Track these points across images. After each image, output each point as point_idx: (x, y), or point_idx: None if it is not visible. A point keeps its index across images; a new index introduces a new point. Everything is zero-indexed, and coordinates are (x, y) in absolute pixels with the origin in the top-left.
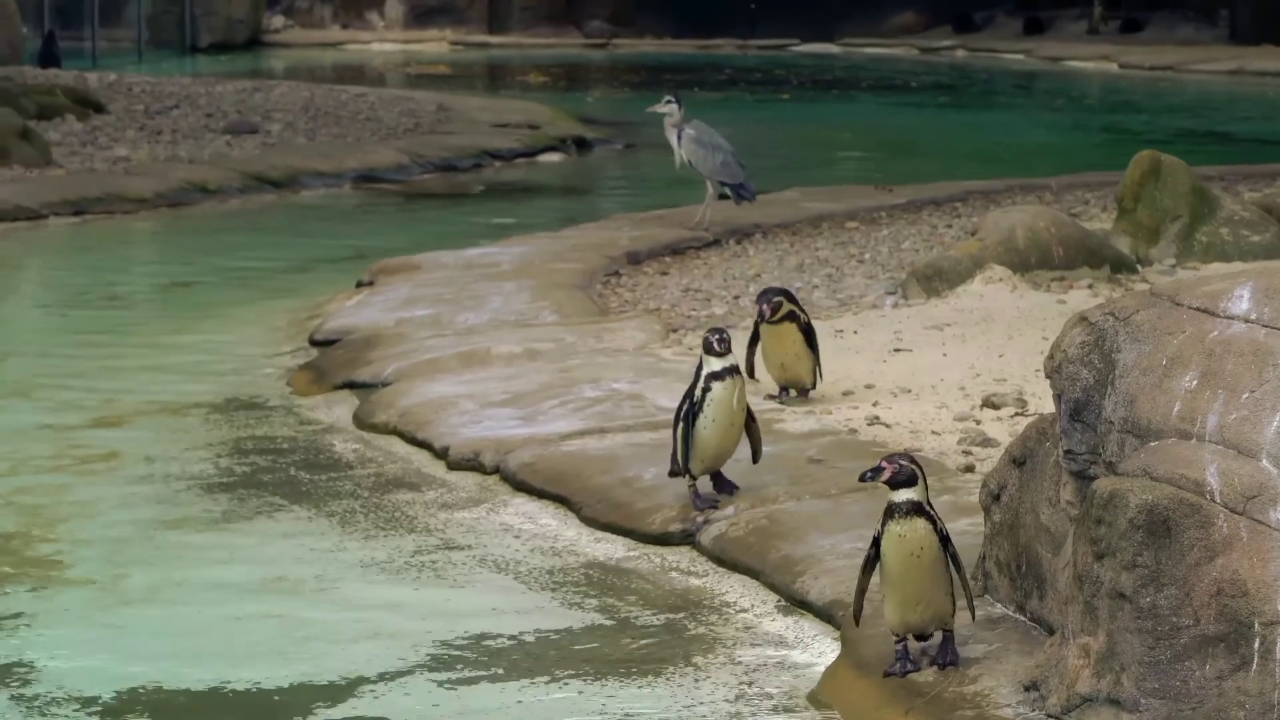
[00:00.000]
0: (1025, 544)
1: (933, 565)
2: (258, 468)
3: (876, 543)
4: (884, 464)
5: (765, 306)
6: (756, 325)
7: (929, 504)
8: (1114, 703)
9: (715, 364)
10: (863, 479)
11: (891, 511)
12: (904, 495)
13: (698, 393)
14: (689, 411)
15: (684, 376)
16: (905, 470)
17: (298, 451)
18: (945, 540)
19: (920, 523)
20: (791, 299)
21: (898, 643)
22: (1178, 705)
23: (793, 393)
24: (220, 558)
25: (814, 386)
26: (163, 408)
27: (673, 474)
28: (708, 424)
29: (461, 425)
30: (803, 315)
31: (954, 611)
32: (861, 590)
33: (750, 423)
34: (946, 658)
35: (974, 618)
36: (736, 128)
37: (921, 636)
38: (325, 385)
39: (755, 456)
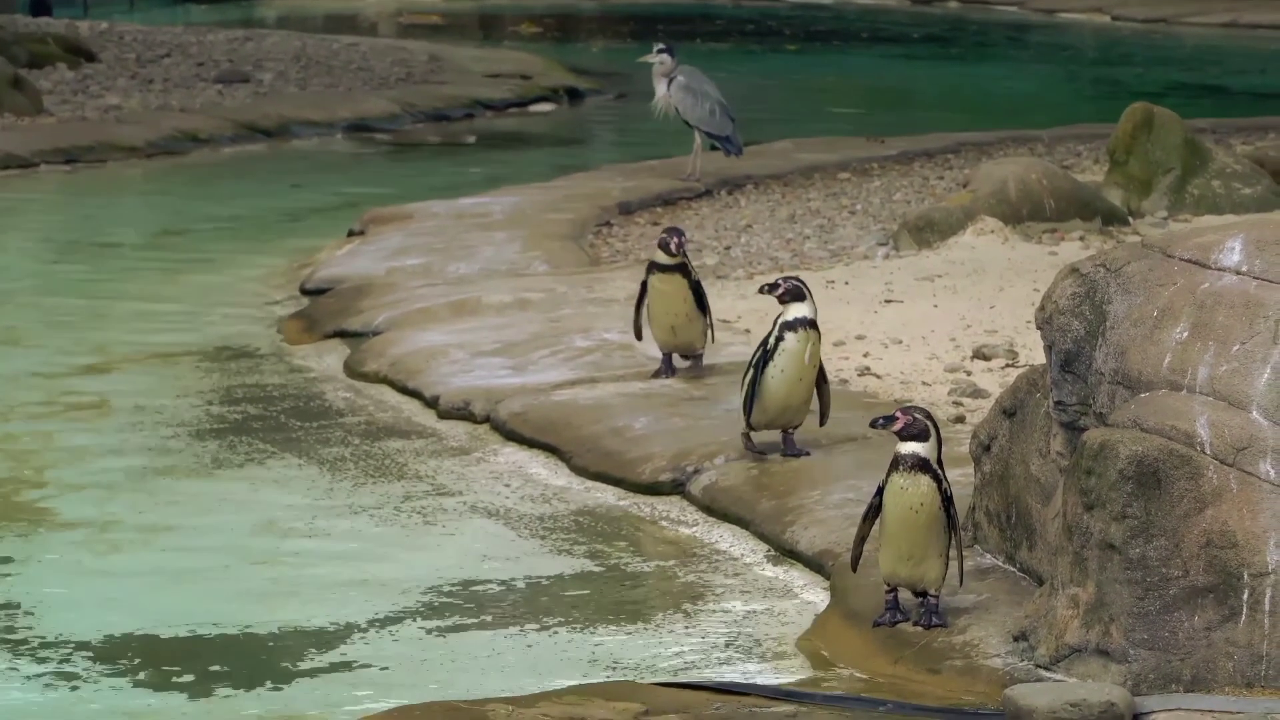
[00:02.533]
0: (1015, 495)
1: (930, 523)
2: (248, 415)
3: (880, 491)
4: (899, 414)
5: (674, 240)
6: (644, 284)
7: (938, 462)
8: (1103, 653)
9: (790, 312)
10: (874, 425)
11: (897, 463)
12: (911, 448)
13: (771, 340)
14: (760, 359)
15: None
16: (919, 424)
17: (288, 399)
18: (948, 501)
19: (924, 479)
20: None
21: (888, 592)
22: (1166, 656)
23: (685, 362)
24: (210, 504)
25: (704, 348)
26: (153, 355)
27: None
28: (776, 373)
29: (452, 374)
30: (693, 271)
31: (944, 575)
32: (861, 538)
33: (821, 382)
34: (930, 620)
35: (961, 582)
36: (729, 78)
37: (918, 591)
38: (316, 334)
39: (822, 418)
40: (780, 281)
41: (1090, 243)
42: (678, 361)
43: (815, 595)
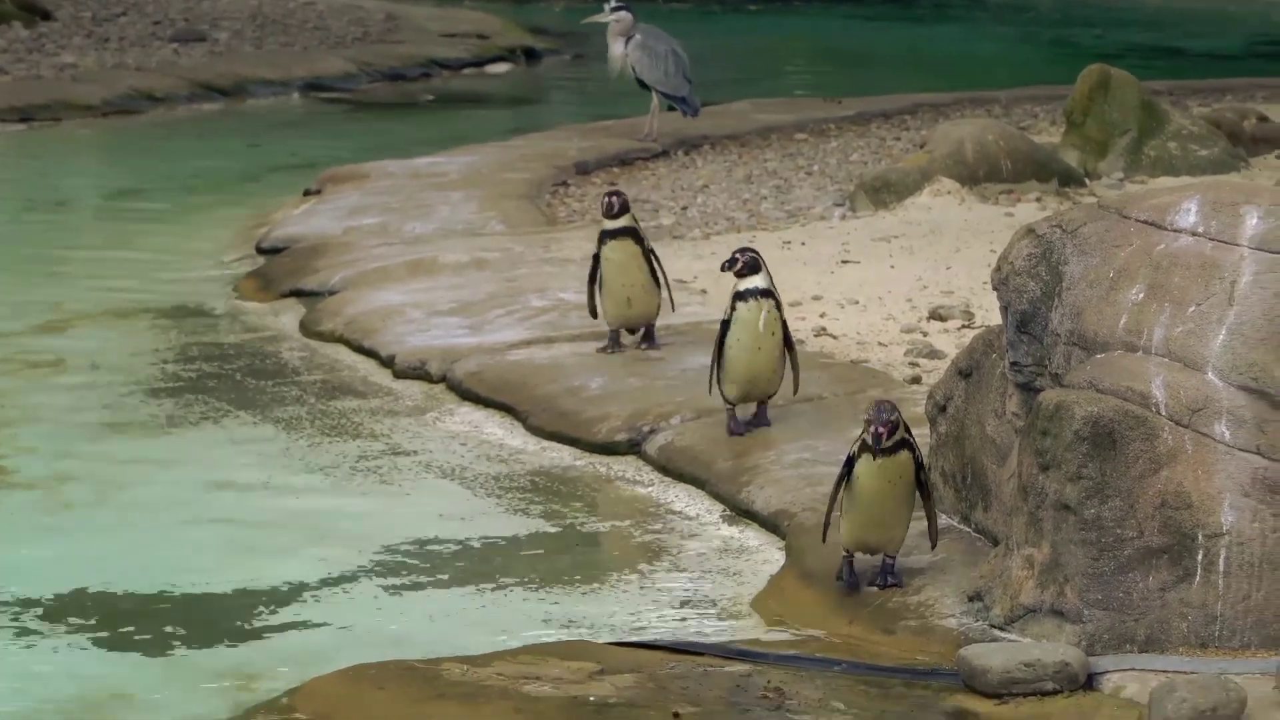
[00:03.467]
0: (970, 455)
1: (906, 493)
2: (204, 374)
3: (850, 463)
4: (880, 429)
5: (612, 199)
6: (595, 257)
7: (909, 432)
8: (1057, 614)
9: (742, 283)
10: (888, 451)
11: (869, 447)
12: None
13: (726, 311)
14: (719, 333)
15: None
16: (897, 425)
17: (244, 358)
18: (920, 467)
19: (903, 455)
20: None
21: (846, 556)
22: (1121, 616)
23: (631, 339)
24: (165, 462)
25: (654, 323)
26: (109, 313)
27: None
28: (733, 343)
29: (408, 334)
30: (645, 238)
31: (904, 538)
32: (831, 508)
33: (789, 350)
34: (886, 580)
35: (934, 547)
36: (689, 38)
37: (873, 552)
38: (272, 293)
39: (795, 386)
40: (738, 256)
41: (1047, 204)
42: (625, 338)
43: (771, 555)
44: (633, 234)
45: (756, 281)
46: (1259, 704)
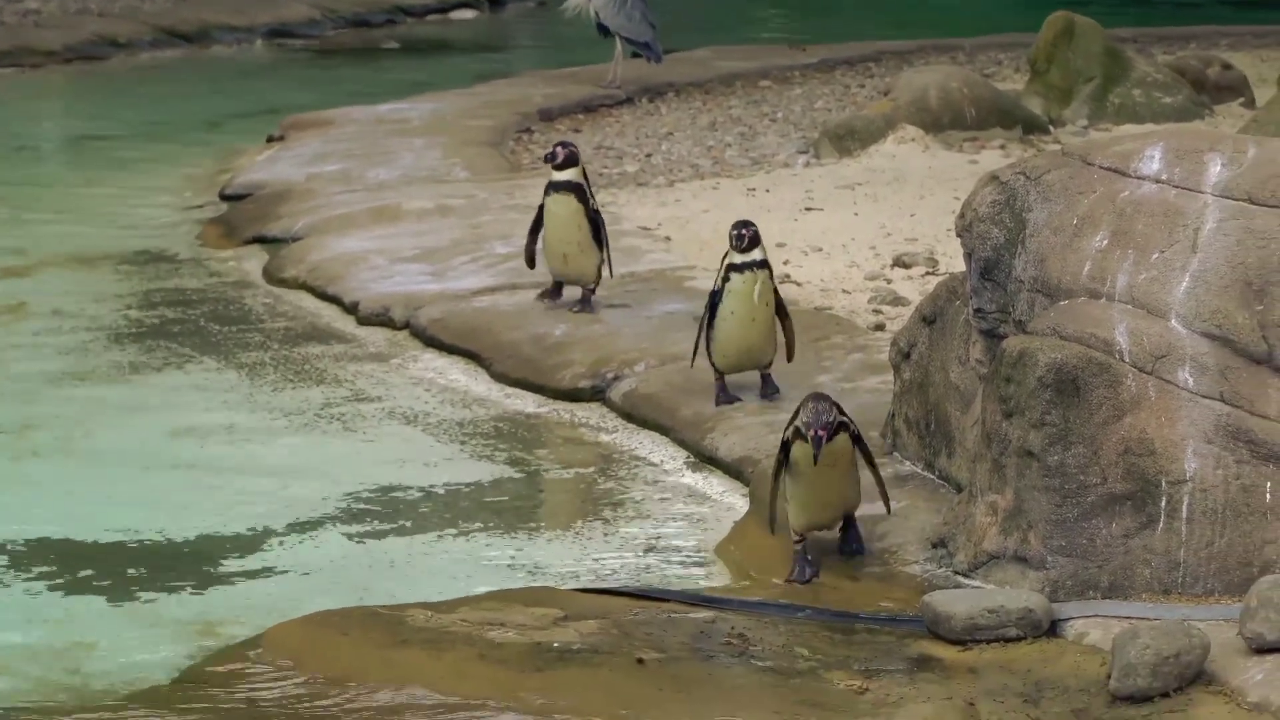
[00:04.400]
0: (934, 402)
1: (848, 469)
2: (167, 320)
3: (785, 448)
4: (820, 433)
5: (558, 150)
6: (540, 207)
7: (843, 413)
8: (1021, 560)
9: (736, 256)
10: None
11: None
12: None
13: (718, 282)
14: (710, 302)
15: None
16: (833, 422)
17: (207, 304)
18: (857, 439)
19: (840, 438)
20: (583, 172)
21: (798, 543)
22: (1084, 563)
23: (571, 307)
24: (129, 409)
25: (597, 284)
26: (72, 259)
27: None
28: (726, 315)
29: (371, 280)
30: (592, 199)
31: (858, 505)
32: (775, 498)
33: (784, 318)
34: (853, 545)
35: (889, 511)
36: None
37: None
38: (235, 239)
39: (789, 354)
40: (744, 232)
41: (1011, 151)
42: (569, 292)
43: (734, 502)
44: (578, 191)
45: (755, 254)
46: (1222, 650)
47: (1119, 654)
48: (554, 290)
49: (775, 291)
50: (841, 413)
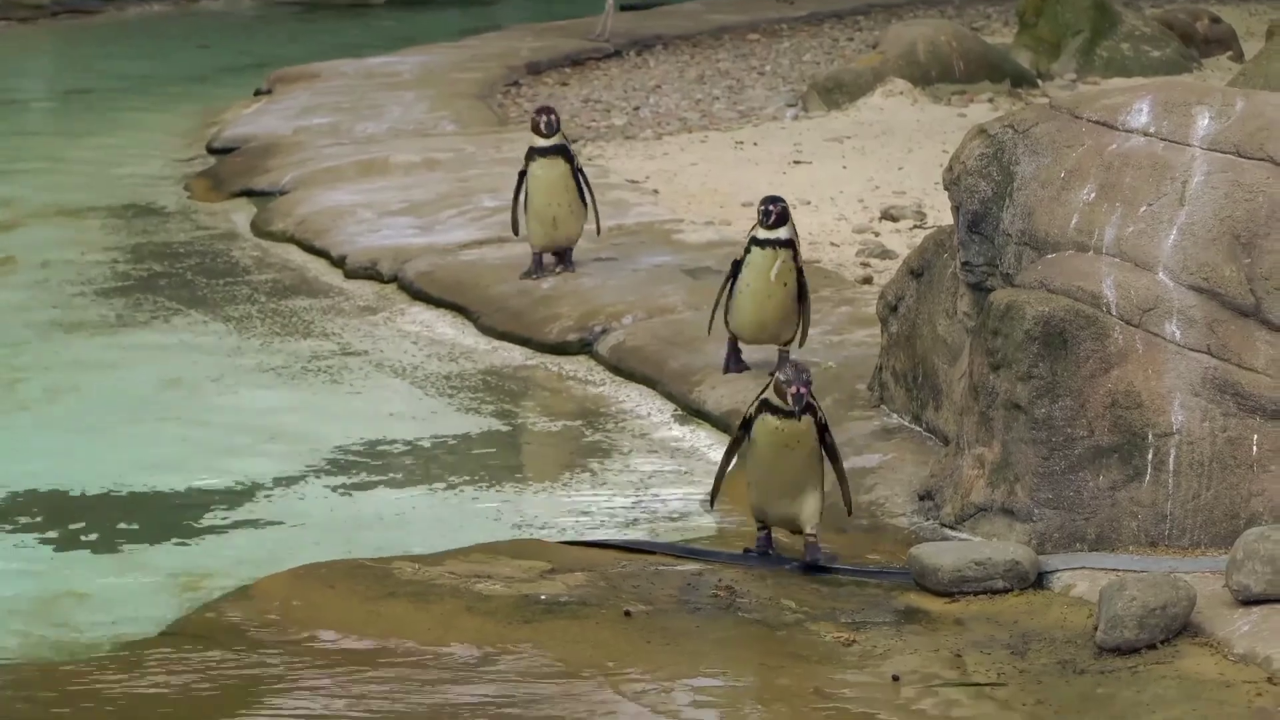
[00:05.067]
0: (922, 355)
1: (808, 458)
2: (154, 273)
3: (747, 424)
4: (801, 390)
5: (543, 117)
6: (521, 174)
7: (813, 397)
8: (1008, 512)
9: (761, 231)
10: (789, 414)
11: (775, 409)
12: (781, 402)
13: (741, 252)
14: (731, 270)
15: None
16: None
17: (195, 257)
18: (824, 429)
19: (804, 422)
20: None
21: (760, 530)
22: (1071, 515)
23: (552, 267)
24: (117, 361)
25: (573, 246)
26: (60, 212)
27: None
28: (743, 287)
29: (359, 234)
30: (576, 157)
31: (821, 509)
32: (722, 475)
33: (801, 301)
34: (812, 556)
35: (850, 513)
36: None
37: (792, 530)
38: (223, 192)
39: (801, 338)
40: (770, 209)
41: (999, 104)
42: (548, 261)
43: (721, 454)
44: (563, 152)
45: (781, 233)
46: (1208, 602)
47: (1105, 606)
48: (537, 266)
49: (800, 272)
50: (811, 395)
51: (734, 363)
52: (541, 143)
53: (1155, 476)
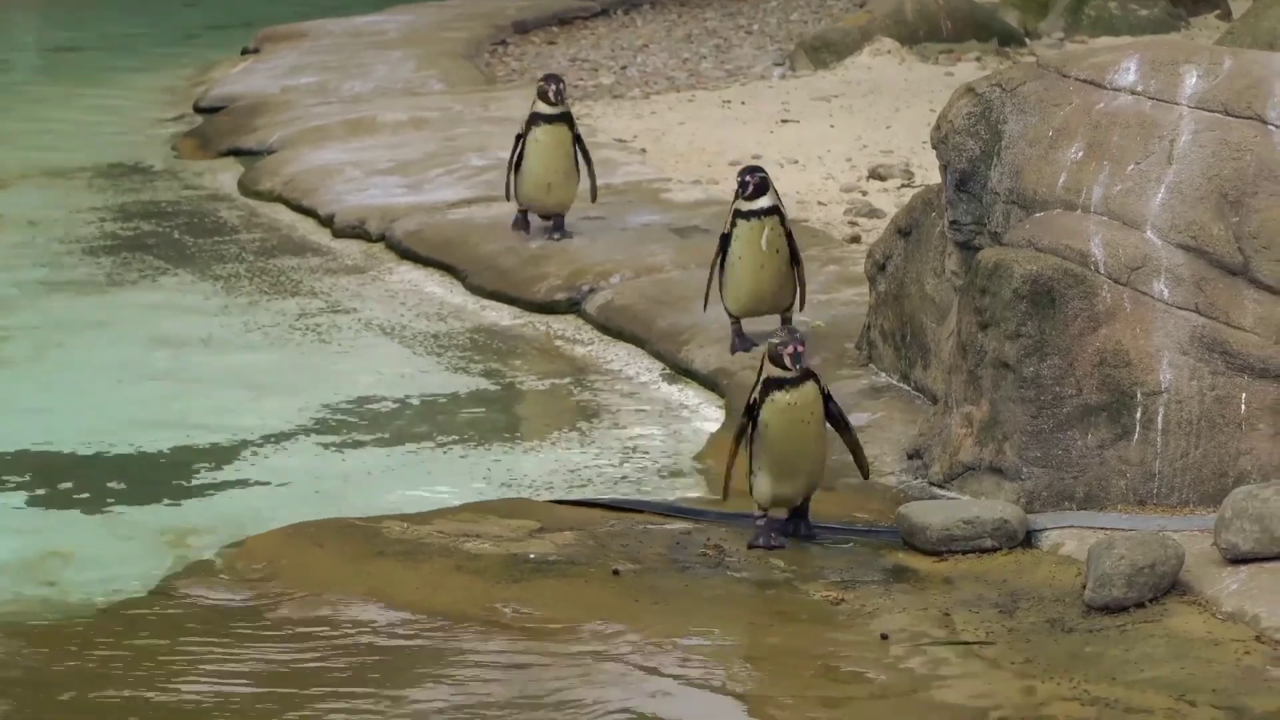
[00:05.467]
0: (910, 314)
1: (819, 428)
2: (142, 232)
3: (752, 411)
4: (798, 349)
5: (553, 86)
6: (519, 138)
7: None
8: (996, 471)
9: (742, 204)
10: (794, 382)
11: (780, 383)
12: (783, 371)
13: (727, 225)
14: (720, 245)
15: None
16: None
17: (182, 216)
18: (828, 398)
19: (810, 386)
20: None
21: (759, 518)
22: (1059, 474)
23: (549, 231)
24: (104, 320)
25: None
26: (47, 172)
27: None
28: (735, 261)
29: (347, 193)
30: (576, 125)
31: (820, 482)
32: (731, 462)
33: (795, 266)
34: (806, 529)
35: (865, 476)
36: None
37: (796, 505)
38: (210, 152)
39: (800, 303)
40: (748, 180)
41: (986, 64)
42: (537, 221)
43: (710, 414)
44: (567, 120)
45: (762, 202)
46: (1197, 560)
47: (1094, 564)
48: (523, 220)
49: (790, 237)
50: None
51: (740, 342)
52: (546, 109)
53: (1144, 435)
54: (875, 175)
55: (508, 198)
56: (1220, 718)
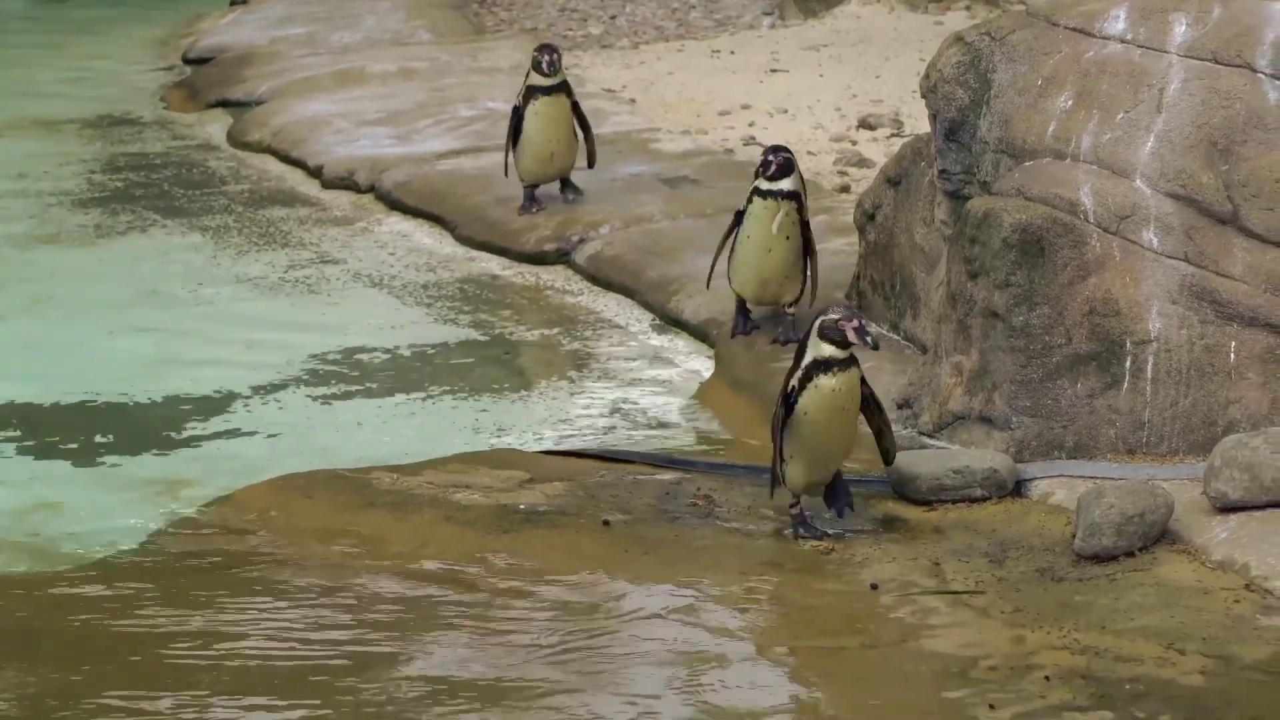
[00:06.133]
0: (899, 264)
1: (855, 414)
2: (131, 183)
3: (789, 399)
4: (861, 323)
5: (545, 57)
6: (516, 112)
7: None
8: (986, 421)
9: (764, 183)
10: (846, 364)
11: (828, 365)
12: (830, 351)
13: (743, 203)
14: (734, 221)
15: None
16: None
17: (171, 168)
18: (863, 380)
19: (854, 371)
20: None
21: (793, 507)
22: (1049, 423)
23: (562, 196)
24: (94, 272)
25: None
26: (35, 123)
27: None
28: (744, 239)
29: (336, 144)
30: (573, 91)
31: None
32: (777, 458)
33: (808, 255)
34: (843, 501)
35: (889, 463)
36: None
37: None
38: (199, 103)
39: (811, 296)
40: (771, 159)
41: (976, 12)
42: (545, 190)
43: (700, 364)
44: (565, 89)
45: (784, 184)
46: (1186, 509)
47: (1084, 513)
48: (531, 199)
49: (806, 226)
50: None
51: (743, 324)
52: (543, 81)
53: (1133, 384)
54: (865, 125)
55: (506, 174)
56: (1209, 666)
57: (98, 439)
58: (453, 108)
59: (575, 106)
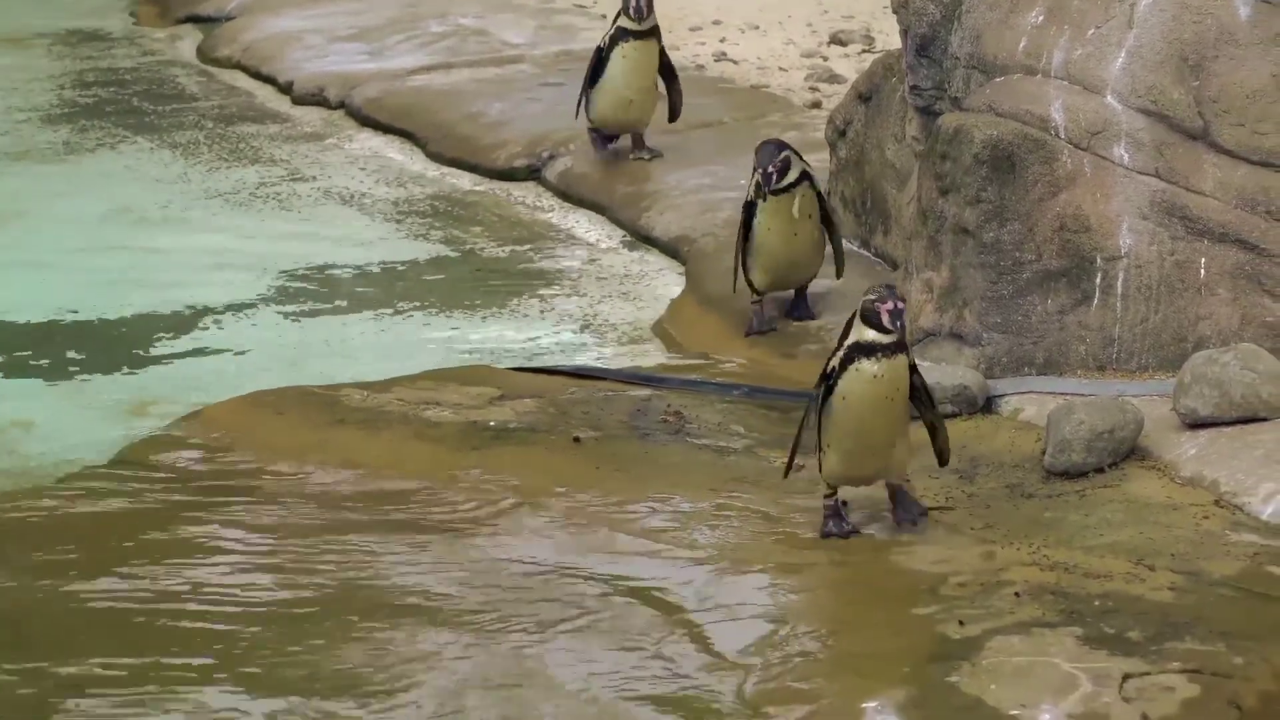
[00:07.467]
0: (870, 180)
1: (904, 406)
2: (100, 99)
3: (828, 380)
4: (900, 304)
5: (637, 1)
6: (599, 52)
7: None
8: (957, 337)
9: (774, 184)
10: (891, 348)
11: (870, 349)
12: (874, 335)
13: (750, 192)
14: (744, 215)
15: (532, 12)
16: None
17: (140, 83)
18: (914, 368)
19: (902, 359)
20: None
21: (828, 498)
22: (1019, 339)
23: (633, 150)
24: (64, 189)
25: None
26: (3, 39)
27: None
28: (764, 233)
29: (306, 60)
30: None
31: (911, 453)
32: (799, 436)
33: (831, 232)
34: (911, 513)
35: (943, 463)
36: None
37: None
38: (169, 18)
39: (838, 271)
40: (771, 171)
41: None
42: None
43: (670, 280)
44: (655, 34)
45: (790, 177)
46: (1156, 425)
47: (1054, 430)
48: (603, 140)
49: (821, 199)
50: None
51: (759, 322)
52: (634, 25)
53: (1103, 300)
54: (836, 40)
55: (576, 116)
56: (1178, 582)
57: (68, 356)
58: (424, 23)
59: (663, 54)
